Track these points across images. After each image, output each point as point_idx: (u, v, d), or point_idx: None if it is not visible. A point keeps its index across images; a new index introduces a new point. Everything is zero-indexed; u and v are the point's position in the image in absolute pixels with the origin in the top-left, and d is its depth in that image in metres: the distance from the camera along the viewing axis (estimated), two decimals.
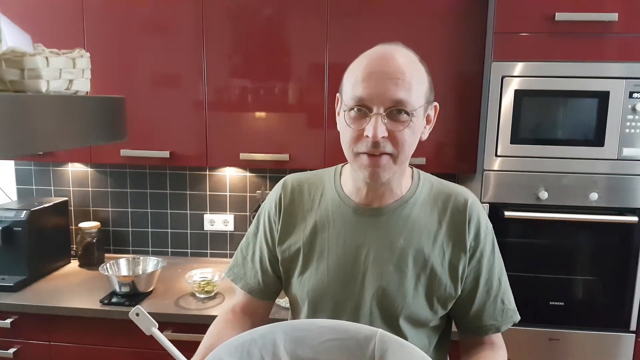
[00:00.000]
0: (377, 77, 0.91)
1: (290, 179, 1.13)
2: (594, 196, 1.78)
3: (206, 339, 1.02)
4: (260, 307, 1.15)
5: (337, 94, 1.03)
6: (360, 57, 0.97)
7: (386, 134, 0.90)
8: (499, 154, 1.82)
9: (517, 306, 1.08)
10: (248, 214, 2.44)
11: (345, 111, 0.95)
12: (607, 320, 1.87)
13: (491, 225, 1.07)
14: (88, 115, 0.52)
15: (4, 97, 0.42)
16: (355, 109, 0.93)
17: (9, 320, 1.92)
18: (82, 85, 0.56)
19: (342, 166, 1.12)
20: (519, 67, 1.78)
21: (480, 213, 1.04)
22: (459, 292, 1.02)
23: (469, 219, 1.02)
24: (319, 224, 1.05)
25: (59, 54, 0.52)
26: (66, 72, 0.53)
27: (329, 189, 1.09)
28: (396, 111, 0.91)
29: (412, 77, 0.92)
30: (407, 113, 0.91)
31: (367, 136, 0.90)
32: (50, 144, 0.47)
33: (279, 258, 1.09)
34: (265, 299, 1.14)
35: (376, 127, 0.89)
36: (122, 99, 0.58)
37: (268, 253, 1.11)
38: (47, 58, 0.50)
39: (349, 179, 1.06)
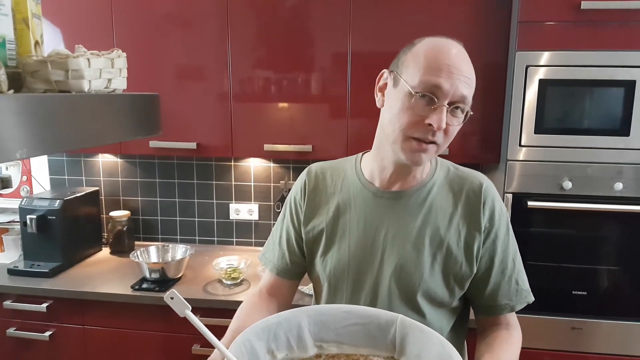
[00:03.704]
0: (455, 72, 0.94)
1: (314, 166, 1.20)
2: (618, 186, 1.77)
3: (234, 322, 1.08)
4: (285, 287, 1.21)
5: (390, 70, 1.03)
6: (428, 42, 0.99)
7: (445, 126, 0.95)
8: (523, 144, 1.82)
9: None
10: (272, 203, 2.48)
11: (412, 93, 0.94)
12: (630, 310, 1.86)
13: (505, 208, 1.11)
14: (126, 112, 0.56)
15: (53, 97, 0.46)
16: (421, 95, 0.94)
17: (44, 305, 2.00)
18: (120, 83, 0.60)
19: (363, 154, 1.18)
20: (543, 57, 1.76)
21: (495, 196, 1.09)
22: (474, 271, 1.06)
23: (484, 202, 1.06)
24: (341, 207, 1.11)
25: (99, 55, 0.56)
26: (105, 72, 0.57)
27: (350, 175, 1.14)
28: (455, 107, 0.96)
29: (474, 81, 0.98)
30: (463, 111, 0.97)
31: (431, 125, 0.93)
32: (92, 139, 0.51)
33: (304, 239, 1.15)
34: (291, 278, 1.21)
35: (442, 118, 0.93)
36: (157, 96, 0.62)
37: (295, 234, 1.17)
38: (88, 59, 0.54)
39: (370, 164, 1.12)
